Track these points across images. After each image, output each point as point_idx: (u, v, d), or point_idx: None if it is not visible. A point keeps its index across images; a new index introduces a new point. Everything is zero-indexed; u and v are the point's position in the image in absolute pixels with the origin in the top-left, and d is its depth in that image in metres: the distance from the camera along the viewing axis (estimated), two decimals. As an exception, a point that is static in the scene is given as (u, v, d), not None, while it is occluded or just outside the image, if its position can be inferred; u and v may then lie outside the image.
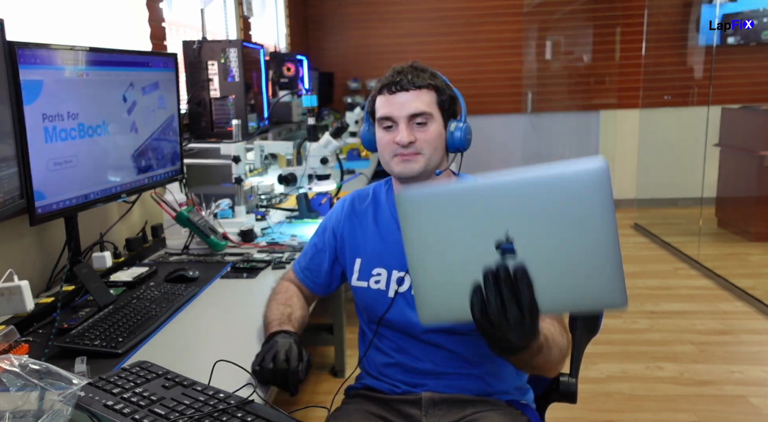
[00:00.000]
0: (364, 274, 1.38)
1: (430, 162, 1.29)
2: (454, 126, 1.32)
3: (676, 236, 4.74)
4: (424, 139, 1.28)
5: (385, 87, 1.29)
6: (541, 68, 5.90)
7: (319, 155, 2.39)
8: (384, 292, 1.34)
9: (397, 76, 1.29)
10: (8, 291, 1.32)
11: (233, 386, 0.97)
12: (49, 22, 1.88)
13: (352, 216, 1.44)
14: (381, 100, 1.30)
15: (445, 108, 1.31)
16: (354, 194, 1.50)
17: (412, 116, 1.27)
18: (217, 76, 2.60)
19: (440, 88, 1.30)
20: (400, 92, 1.27)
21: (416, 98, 1.27)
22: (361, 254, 1.40)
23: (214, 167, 2.48)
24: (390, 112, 1.28)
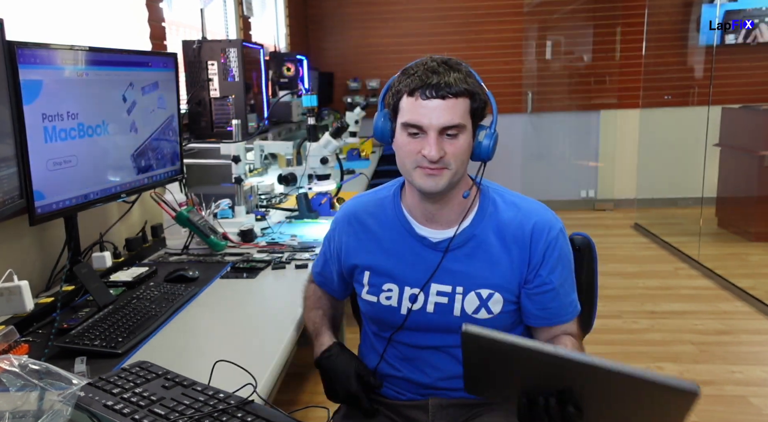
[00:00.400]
0: (373, 288, 1.30)
1: (455, 176, 1.18)
2: (483, 135, 1.21)
3: (676, 236, 4.74)
4: (453, 153, 1.16)
5: (417, 90, 1.14)
6: (541, 68, 5.89)
7: (319, 155, 2.39)
8: (396, 308, 1.28)
9: (432, 76, 1.13)
10: (8, 291, 1.32)
11: (233, 386, 0.97)
12: (49, 22, 1.88)
13: (356, 227, 1.34)
14: (409, 103, 1.15)
15: (477, 115, 1.19)
16: (357, 202, 1.38)
17: (445, 128, 1.14)
18: (217, 76, 2.60)
19: (475, 94, 1.17)
20: (434, 99, 1.13)
21: (451, 109, 1.13)
22: (369, 268, 1.31)
23: (214, 167, 2.48)
24: (419, 120, 1.14)
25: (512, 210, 1.26)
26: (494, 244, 1.24)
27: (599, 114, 5.94)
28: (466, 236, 1.25)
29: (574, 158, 6.03)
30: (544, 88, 5.91)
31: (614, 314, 3.41)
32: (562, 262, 1.25)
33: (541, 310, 1.25)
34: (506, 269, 1.23)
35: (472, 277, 1.23)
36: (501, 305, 1.24)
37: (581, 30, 5.82)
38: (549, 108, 5.93)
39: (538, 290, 1.24)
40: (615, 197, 6.01)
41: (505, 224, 1.24)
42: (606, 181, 6.02)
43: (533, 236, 1.23)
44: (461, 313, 1.23)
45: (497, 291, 1.23)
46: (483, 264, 1.23)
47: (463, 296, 1.23)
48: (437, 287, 1.25)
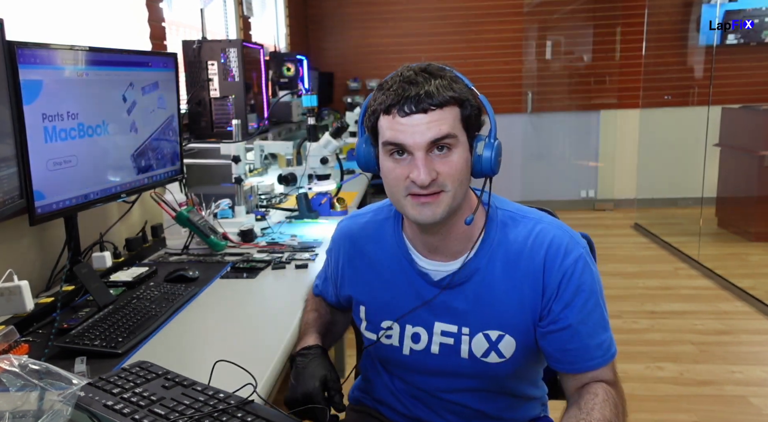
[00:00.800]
0: (372, 324, 1.18)
1: (454, 200, 1.02)
2: (481, 147, 1.03)
3: (676, 236, 4.74)
4: (448, 172, 0.99)
5: (393, 107, 0.98)
6: (541, 68, 5.90)
7: (319, 154, 2.39)
8: (398, 348, 1.15)
9: (409, 88, 0.97)
10: (8, 291, 1.32)
11: (233, 386, 0.97)
12: (49, 22, 1.88)
13: (352, 254, 1.21)
14: (387, 122, 0.99)
15: (470, 124, 1.02)
16: (356, 224, 1.23)
17: (433, 143, 0.98)
18: (217, 76, 2.60)
19: (464, 101, 1.00)
20: (415, 114, 0.97)
21: (437, 121, 0.97)
22: (365, 302, 1.19)
23: (214, 167, 2.48)
24: (402, 139, 0.98)
25: (523, 234, 1.08)
26: (502, 279, 1.07)
27: (599, 114, 5.94)
28: (470, 270, 1.09)
29: (574, 158, 6.03)
30: (544, 88, 5.91)
31: (614, 314, 3.41)
32: (582, 295, 1.04)
33: (559, 352, 1.07)
34: (517, 308, 1.07)
35: (477, 317, 1.08)
36: (514, 348, 1.08)
37: (581, 30, 5.83)
38: (549, 108, 5.94)
39: (552, 328, 1.06)
40: (615, 197, 6.01)
41: (515, 252, 1.07)
42: (606, 181, 6.02)
43: (546, 263, 1.05)
44: (469, 355, 1.10)
45: (507, 333, 1.08)
46: (490, 302, 1.08)
47: (470, 337, 1.09)
48: (441, 327, 1.11)
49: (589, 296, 1.05)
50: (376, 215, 1.22)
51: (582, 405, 0.98)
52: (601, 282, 1.10)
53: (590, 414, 0.95)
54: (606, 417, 0.95)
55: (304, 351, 1.14)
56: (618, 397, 1.02)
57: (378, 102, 1.01)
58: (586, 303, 1.05)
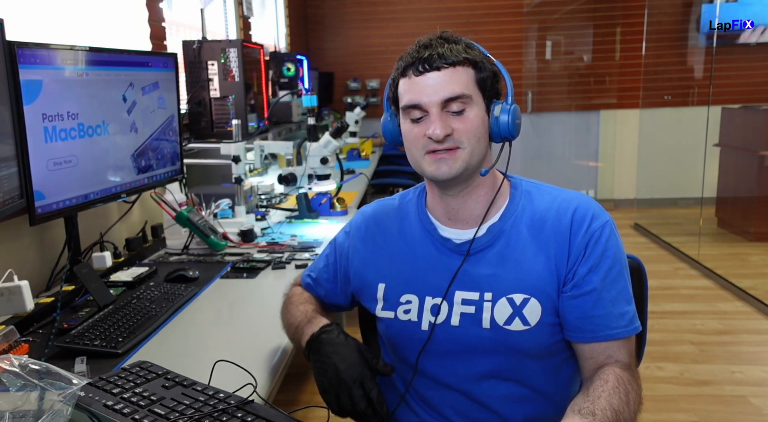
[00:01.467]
0: (390, 302, 1.13)
1: (472, 157, 1.03)
2: (498, 109, 1.04)
3: (676, 236, 4.74)
4: (464, 128, 1.01)
5: (409, 67, 1.03)
6: (541, 68, 5.90)
7: (319, 155, 2.39)
8: (416, 324, 1.09)
9: (424, 51, 1.02)
10: (8, 291, 1.32)
11: (233, 386, 0.97)
12: (49, 22, 1.88)
13: (374, 232, 1.19)
14: (405, 84, 1.04)
15: (486, 87, 1.04)
16: (376, 206, 1.24)
17: (447, 102, 1.00)
18: (217, 76, 2.60)
19: (479, 63, 1.03)
20: (430, 72, 1.01)
21: (450, 78, 1.00)
22: (385, 278, 1.14)
23: (214, 167, 2.48)
24: (417, 98, 1.02)
25: (548, 199, 1.09)
26: (528, 241, 1.06)
27: (599, 114, 5.94)
28: (494, 234, 1.07)
29: (574, 158, 6.03)
30: (544, 88, 5.91)
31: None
32: (608, 261, 1.03)
33: (580, 319, 1.03)
34: (543, 270, 1.04)
35: (501, 280, 1.05)
36: (539, 314, 1.03)
37: (581, 30, 5.83)
38: (549, 108, 5.94)
39: (575, 293, 1.03)
40: (615, 197, 6.01)
41: (540, 215, 1.07)
42: (606, 181, 6.02)
43: (573, 226, 1.04)
44: (491, 324, 1.04)
45: (533, 296, 1.03)
46: (515, 265, 1.05)
47: (493, 303, 1.05)
48: (462, 295, 1.07)
49: (614, 264, 1.04)
50: (401, 198, 1.22)
51: (590, 392, 0.95)
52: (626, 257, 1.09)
53: (595, 403, 0.91)
54: (612, 406, 0.91)
55: (326, 329, 1.07)
56: (631, 382, 0.98)
57: (396, 68, 1.07)
58: (611, 270, 1.03)
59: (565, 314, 1.04)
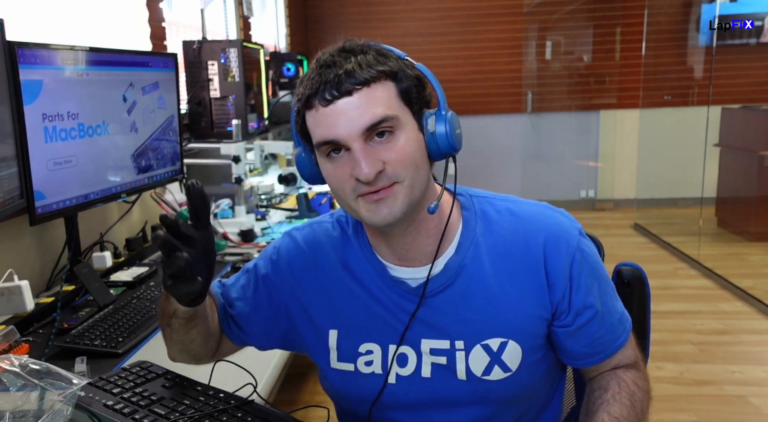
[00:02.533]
0: (346, 353, 0.96)
1: (413, 191, 0.85)
2: (432, 122, 0.86)
3: (676, 236, 4.73)
4: (396, 158, 0.82)
5: (313, 96, 0.83)
6: (541, 68, 5.89)
7: (319, 155, 2.39)
8: (381, 377, 0.94)
9: (327, 72, 0.82)
10: (8, 291, 1.32)
11: (233, 386, 0.97)
12: (49, 22, 1.88)
13: (313, 266, 0.98)
14: (313, 118, 0.84)
15: (412, 99, 0.86)
16: (311, 232, 1.02)
17: (369, 130, 0.82)
18: (217, 76, 2.60)
19: (398, 73, 0.84)
20: (340, 99, 0.81)
21: (366, 101, 0.81)
22: (336, 324, 0.96)
23: (214, 167, 2.48)
24: (332, 133, 0.82)
25: (509, 221, 0.93)
26: (493, 274, 0.91)
27: (599, 114, 5.94)
28: (452, 270, 0.91)
29: (574, 158, 6.03)
30: (544, 89, 5.91)
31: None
32: (595, 274, 0.93)
33: (589, 346, 0.93)
34: (517, 307, 0.90)
35: (472, 324, 0.91)
36: (520, 357, 0.91)
37: (581, 30, 5.82)
38: (549, 108, 5.94)
39: (580, 322, 0.92)
40: (615, 197, 6.01)
41: (504, 244, 0.92)
42: (606, 181, 6.02)
43: (547, 253, 0.90)
44: (467, 376, 0.91)
45: (510, 338, 0.90)
46: (484, 304, 0.91)
47: (466, 352, 0.91)
48: (430, 344, 0.92)
49: (599, 273, 0.94)
50: (330, 220, 1.02)
51: (589, 406, 0.92)
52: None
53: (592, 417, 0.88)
54: (612, 414, 0.87)
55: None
56: (636, 381, 0.93)
57: (297, 98, 0.86)
58: (600, 281, 0.93)
59: (569, 347, 0.94)
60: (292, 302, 0.99)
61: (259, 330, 1.01)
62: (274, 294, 1.00)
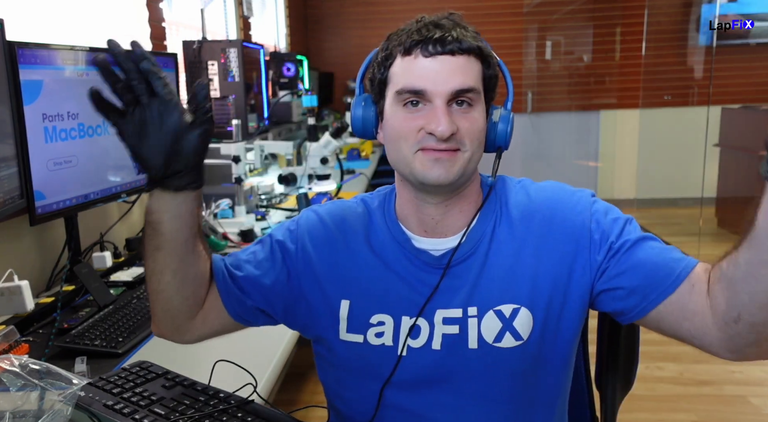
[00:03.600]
0: (357, 323, 0.94)
1: (470, 163, 0.89)
2: (498, 115, 0.93)
3: (676, 236, 4.74)
4: (469, 129, 0.86)
5: (416, 47, 0.85)
6: (541, 68, 5.90)
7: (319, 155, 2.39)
8: (391, 349, 0.93)
9: (434, 30, 0.85)
10: (8, 291, 1.32)
11: (233, 386, 0.97)
12: (49, 22, 1.88)
13: (332, 238, 0.98)
14: (405, 65, 0.87)
15: (489, 88, 0.91)
16: (334, 208, 1.02)
17: (456, 94, 0.85)
18: (217, 77, 2.60)
19: (488, 58, 0.89)
20: (442, 55, 0.85)
21: (464, 67, 0.85)
22: (349, 295, 0.95)
23: (215, 167, 2.48)
24: (422, 84, 0.84)
25: (528, 192, 0.97)
26: (511, 243, 0.92)
27: (599, 114, 5.94)
28: (474, 240, 0.93)
29: (574, 158, 6.03)
30: (544, 89, 5.91)
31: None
32: (620, 222, 0.91)
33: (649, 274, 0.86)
34: (531, 276, 0.90)
35: (485, 292, 0.91)
36: (531, 325, 0.90)
37: (581, 30, 5.83)
38: (549, 108, 5.94)
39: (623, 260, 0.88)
40: (615, 197, 6.01)
41: (521, 211, 0.94)
42: (606, 181, 6.02)
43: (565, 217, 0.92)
44: (479, 343, 0.90)
45: (522, 305, 0.90)
46: (499, 271, 0.91)
47: (479, 319, 0.90)
48: (443, 314, 0.91)
49: (629, 224, 0.91)
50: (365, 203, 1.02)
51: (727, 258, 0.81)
52: None
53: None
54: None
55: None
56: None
57: (394, 45, 0.88)
58: (633, 231, 0.90)
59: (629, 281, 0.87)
60: (305, 271, 0.97)
61: (263, 295, 0.97)
62: (287, 260, 0.98)
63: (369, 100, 0.94)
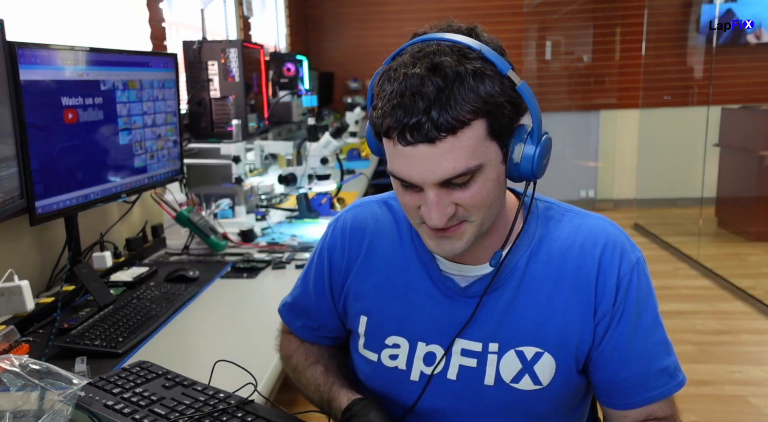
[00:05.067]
0: (373, 342, 0.93)
1: (482, 227, 0.81)
2: (520, 152, 0.78)
3: (676, 236, 4.74)
4: (470, 204, 0.78)
5: (393, 131, 0.74)
6: (541, 68, 5.90)
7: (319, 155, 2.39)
8: (404, 373, 0.90)
9: (410, 106, 0.72)
10: (8, 291, 1.32)
11: (233, 386, 0.97)
12: (49, 22, 1.88)
13: (366, 247, 0.96)
14: (388, 146, 0.78)
15: (503, 130, 0.77)
16: (368, 211, 0.99)
17: (447, 180, 0.76)
18: (217, 76, 2.60)
19: (493, 109, 0.74)
20: (419, 145, 0.73)
21: (450, 152, 0.73)
22: (368, 311, 0.94)
23: (214, 167, 2.48)
24: (407, 176, 0.77)
25: (570, 229, 0.88)
26: (544, 283, 0.87)
27: (599, 114, 5.94)
28: (505, 270, 0.87)
29: (574, 158, 6.03)
30: (544, 89, 5.91)
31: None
32: (642, 307, 0.87)
33: (608, 382, 0.88)
34: (560, 321, 0.85)
35: (509, 330, 0.86)
36: (553, 373, 0.86)
37: (581, 30, 5.83)
38: (549, 108, 5.93)
39: (604, 350, 0.86)
40: (615, 197, 6.01)
41: (560, 250, 0.87)
42: (606, 181, 6.02)
43: (601, 266, 0.85)
44: (496, 381, 0.87)
45: (546, 350, 0.85)
46: (527, 311, 0.86)
47: (499, 356, 0.87)
48: (462, 344, 0.88)
49: (650, 310, 0.89)
50: (390, 205, 0.98)
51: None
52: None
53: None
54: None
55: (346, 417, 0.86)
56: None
57: (377, 114, 0.77)
58: (645, 317, 0.87)
59: (593, 374, 0.88)
60: (352, 267, 0.97)
61: (328, 314, 1.02)
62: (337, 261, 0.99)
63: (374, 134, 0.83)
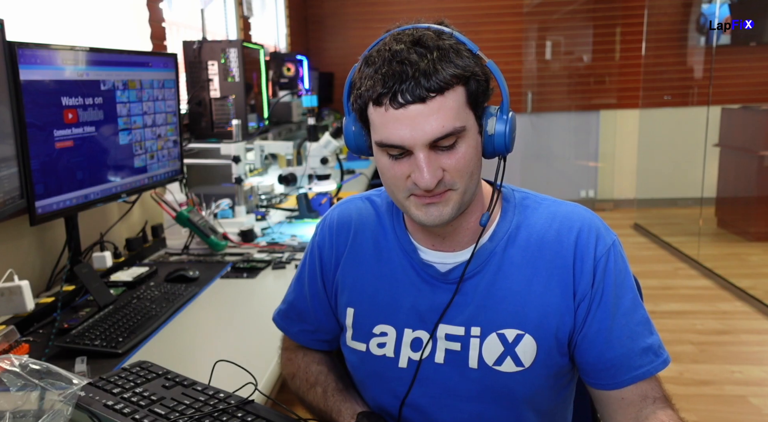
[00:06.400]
0: (361, 332, 0.97)
1: (465, 196, 0.86)
2: (493, 125, 0.85)
3: (676, 236, 4.74)
4: (455, 167, 0.82)
5: (383, 97, 0.80)
6: (541, 68, 5.90)
7: (319, 155, 2.39)
8: (393, 360, 0.94)
9: (401, 71, 0.78)
10: (8, 291, 1.32)
11: (233, 386, 0.97)
12: (49, 22, 1.88)
13: (350, 242, 1.01)
14: (378, 116, 0.82)
15: (479, 101, 0.84)
16: (352, 208, 1.04)
17: (436, 141, 0.80)
18: (217, 76, 2.60)
19: (470, 77, 0.81)
20: (411, 105, 0.79)
21: (438, 111, 0.79)
22: (355, 302, 0.98)
23: (214, 167, 2.48)
24: (399, 139, 0.80)
25: (546, 216, 0.93)
26: (522, 266, 0.91)
27: (599, 114, 5.94)
28: (483, 258, 0.92)
29: (573, 158, 6.03)
30: (544, 89, 5.91)
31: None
32: (621, 288, 0.91)
33: (595, 363, 0.90)
34: (539, 303, 0.89)
35: (491, 312, 0.90)
36: (534, 354, 0.89)
37: (581, 30, 5.83)
38: (549, 108, 5.94)
39: (588, 332, 0.89)
40: (615, 197, 6.01)
41: (538, 236, 0.92)
42: (606, 181, 6.02)
43: (577, 251, 0.90)
44: (479, 364, 0.90)
45: (527, 332, 0.89)
46: (507, 295, 0.90)
47: (481, 340, 0.90)
48: (446, 329, 0.92)
49: (628, 290, 0.92)
50: (373, 201, 1.03)
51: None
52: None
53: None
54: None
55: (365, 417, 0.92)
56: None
57: (365, 87, 0.82)
58: (624, 298, 0.91)
59: (579, 357, 0.92)
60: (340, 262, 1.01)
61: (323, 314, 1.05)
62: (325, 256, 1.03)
63: (357, 125, 0.89)
